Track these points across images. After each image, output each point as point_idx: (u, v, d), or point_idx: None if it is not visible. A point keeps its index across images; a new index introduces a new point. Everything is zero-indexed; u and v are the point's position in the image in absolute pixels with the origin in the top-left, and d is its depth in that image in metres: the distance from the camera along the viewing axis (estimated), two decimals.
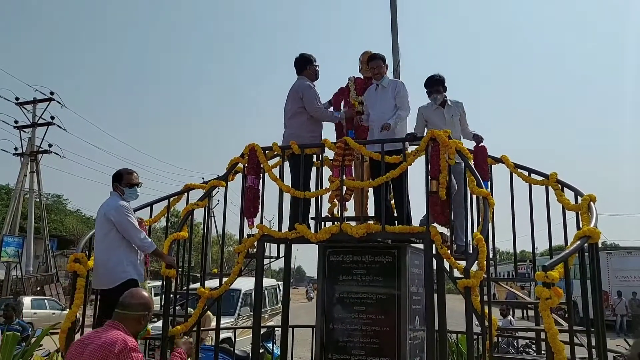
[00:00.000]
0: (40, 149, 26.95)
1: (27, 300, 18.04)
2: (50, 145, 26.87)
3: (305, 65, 5.43)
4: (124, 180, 4.48)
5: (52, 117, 26.52)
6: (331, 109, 5.77)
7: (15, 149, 26.82)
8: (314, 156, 5.36)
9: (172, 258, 4.68)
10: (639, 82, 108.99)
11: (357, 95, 5.64)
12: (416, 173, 4.84)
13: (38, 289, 23.92)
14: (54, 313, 17.85)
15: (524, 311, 24.26)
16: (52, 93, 26.31)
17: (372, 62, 5.37)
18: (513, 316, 10.99)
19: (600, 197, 4.52)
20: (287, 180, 5.16)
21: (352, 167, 5.36)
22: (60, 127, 26.60)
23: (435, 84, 5.25)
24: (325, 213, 5.45)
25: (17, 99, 26.48)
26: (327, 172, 5.22)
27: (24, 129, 26.81)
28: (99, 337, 2.72)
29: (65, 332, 4.52)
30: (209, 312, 6.83)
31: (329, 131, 5.72)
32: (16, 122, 26.63)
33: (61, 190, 70.43)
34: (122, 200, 4.39)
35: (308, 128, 5.29)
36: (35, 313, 17.42)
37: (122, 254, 4.27)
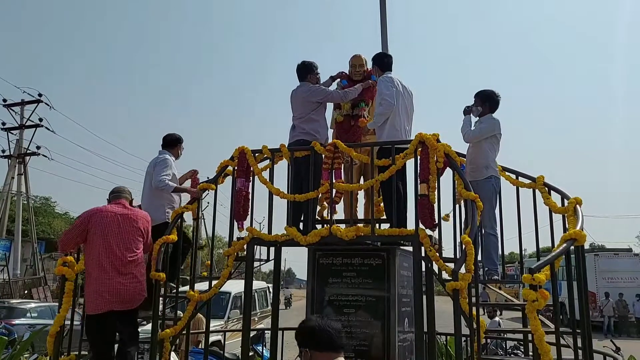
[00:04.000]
0: (28, 151, 26.72)
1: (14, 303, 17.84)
2: (38, 147, 26.68)
3: (307, 73, 5.49)
4: (182, 145, 5.61)
5: (41, 119, 26.33)
6: (334, 85, 5.81)
7: (3, 151, 26.60)
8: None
9: (199, 192, 5.28)
10: (629, 82, 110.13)
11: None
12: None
13: (26, 292, 23.67)
14: None
15: (502, 311, 24.49)
16: (40, 95, 26.13)
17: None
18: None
19: (588, 200, 4.58)
20: (277, 183, 5.17)
21: (342, 170, 5.38)
22: (48, 129, 26.43)
23: (475, 96, 5.20)
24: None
25: (4, 100, 26.29)
26: None
27: (11, 131, 26.58)
28: (131, 211, 4.41)
29: (53, 336, 4.49)
30: (200, 315, 6.81)
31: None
32: (3, 123, 26.43)
33: (49, 192, 69.47)
34: (170, 157, 5.35)
35: (322, 131, 5.41)
36: None
37: (165, 199, 5.20)
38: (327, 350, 2.15)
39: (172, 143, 5.54)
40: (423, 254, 4.56)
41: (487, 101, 5.14)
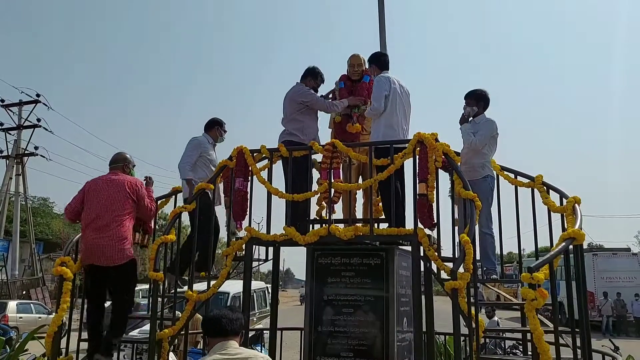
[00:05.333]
0: (26, 152, 26.72)
1: (12, 304, 17.85)
2: (36, 148, 26.70)
3: (308, 75, 5.59)
4: (223, 128, 5.94)
5: (39, 120, 26.33)
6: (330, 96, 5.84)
7: (1, 151, 26.58)
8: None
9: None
10: (627, 82, 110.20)
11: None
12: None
13: (24, 292, 23.66)
14: (40, 317, 17.65)
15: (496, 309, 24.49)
16: (38, 95, 26.13)
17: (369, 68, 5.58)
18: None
19: (586, 199, 4.58)
20: (276, 183, 5.17)
21: (340, 170, 5.37)
22: (46, 130, 26.42)
23: (466, 97, 5.16)
24: (313, 215, 5.47)
25: (2, 100, 26.28)
26: (315, 174, 5.24)
27: (9, 131, 26.57)
28: (118, 177, 4.76)
29: (51, 336, 4.48)
30: (199, 315, 6.79)
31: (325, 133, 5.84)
32: (1, 124, 26.41)
33: (47, 193, 69.72)
34: (207, 138, 5.74)
35: (308, 131, 5.44)
36: (20, 317, 17.24)
37: (195, 175, 5.47)
38: (217, 336, 2.60)
39: (209, 125, 5.86)
40: (422, 254, 4.56)
41: (481, 100, 5.12)
